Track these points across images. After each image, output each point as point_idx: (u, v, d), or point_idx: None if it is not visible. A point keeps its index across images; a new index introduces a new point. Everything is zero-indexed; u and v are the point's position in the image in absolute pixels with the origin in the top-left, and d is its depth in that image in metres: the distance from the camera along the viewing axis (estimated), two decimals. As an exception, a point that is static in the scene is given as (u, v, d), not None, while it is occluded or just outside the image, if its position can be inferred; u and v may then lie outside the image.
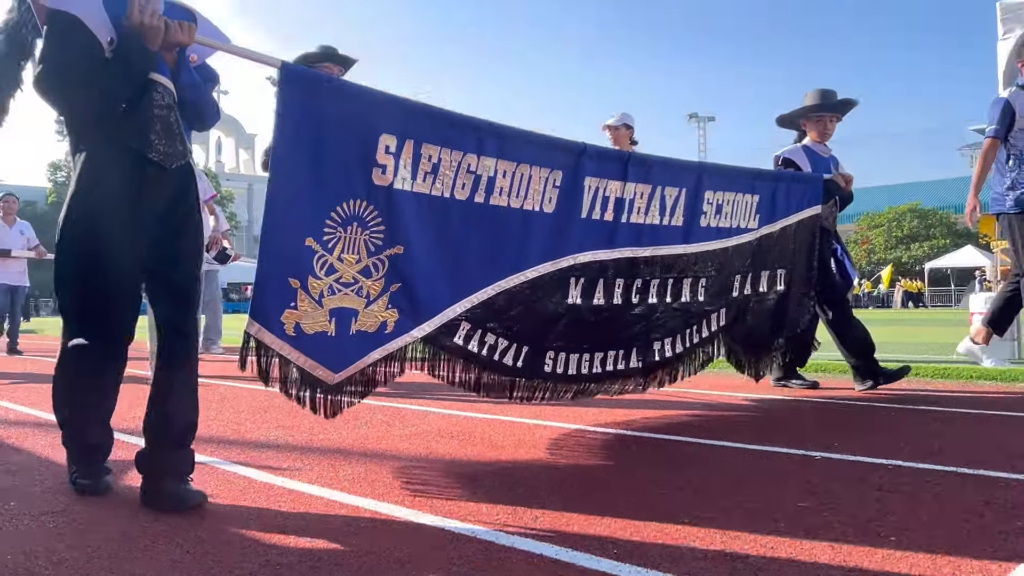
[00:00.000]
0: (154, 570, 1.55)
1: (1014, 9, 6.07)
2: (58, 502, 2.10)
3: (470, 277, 2.47)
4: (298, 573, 1.53)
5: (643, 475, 2.49)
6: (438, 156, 2.34)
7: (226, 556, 1.64)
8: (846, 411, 3.79)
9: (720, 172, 3.42)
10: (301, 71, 2.10)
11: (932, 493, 2.11)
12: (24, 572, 1.55)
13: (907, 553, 1.57)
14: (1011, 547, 1.61)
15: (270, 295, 2.02)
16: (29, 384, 5.38)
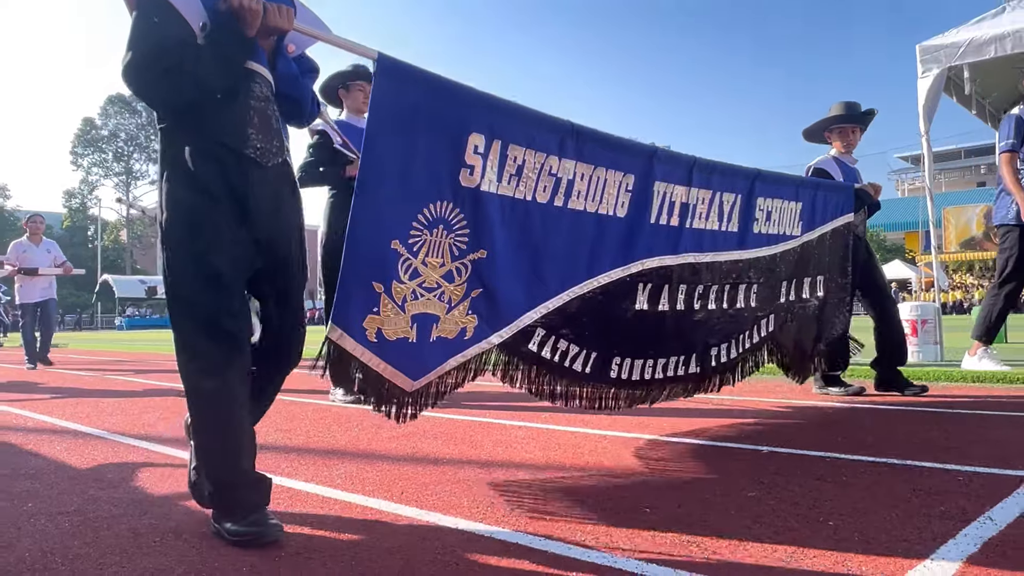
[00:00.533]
0: (163, 565, 1.55)
1: (931, 51, 6.22)
2: (72, 503, 2.08)
3: (547, 282, 2.25)
4: (295, 563, 1.53)
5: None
6: (523, 157, 2.13)
7: (228, 551, 1.63)
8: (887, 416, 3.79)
9: (770, 179, 3.21)
10: (396, 63, 1.85)
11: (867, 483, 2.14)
12: (41, 568, 1.54)
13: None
14: (934, 529, 1.64)
15: (353, 300, 1.78)
16: (50, 395, 5.30)
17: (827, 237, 3.49)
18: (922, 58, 6.26)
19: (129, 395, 5.16)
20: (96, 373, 7.35)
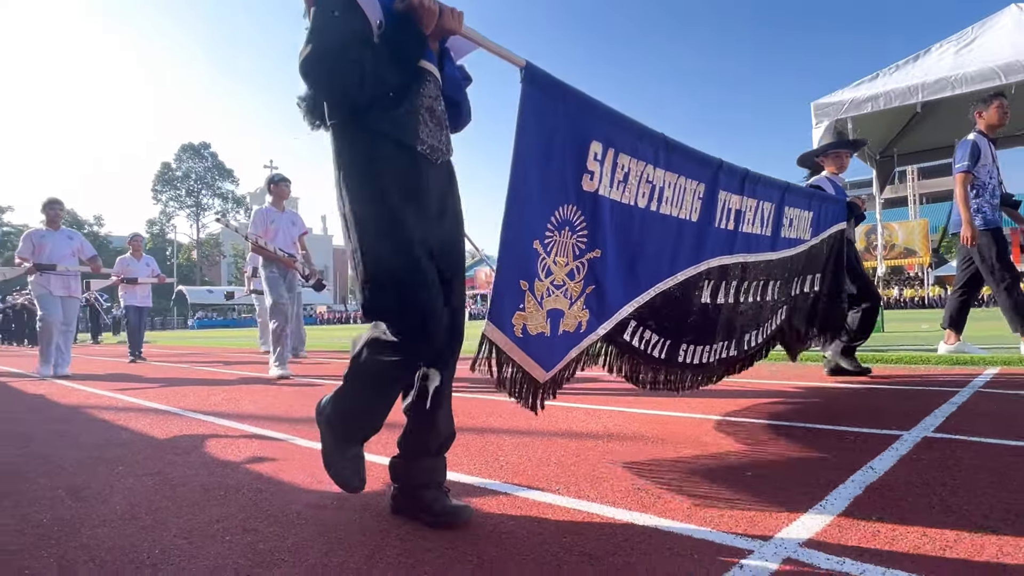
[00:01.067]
0: (227, 513, 1.54)
1: (823, 107, 6.31)
2: (154, 466, 2.05)
3: (639, 279, 2.06)
4: (331, 511, 1.53)
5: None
6: (628, 165, 1.94)
7: (279, 500, 1.63)
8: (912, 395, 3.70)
9: (794, 191, 3.04)
10: (541, 73, 1.65)
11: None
12: (130, 518, 1.53)
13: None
14: (829, 476, 1.66)
15: (506, 298, 1.57)
16: (139, 382, 5.24)
17: (826, 241, 3.39)
18: (816, 113, 6.35)
19: (199, 381, 5.11)
20: (176, 364, 7.29)
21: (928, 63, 6.09)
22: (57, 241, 5.79)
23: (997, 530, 1.25)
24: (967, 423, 2.29)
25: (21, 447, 2.45)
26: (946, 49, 6.17)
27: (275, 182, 5.63)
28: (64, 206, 6.04)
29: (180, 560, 1.25)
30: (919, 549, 1.18)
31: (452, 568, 1.17)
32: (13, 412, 3.54)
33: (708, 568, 1.13)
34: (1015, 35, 5.73)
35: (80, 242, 6.09)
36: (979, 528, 1.27)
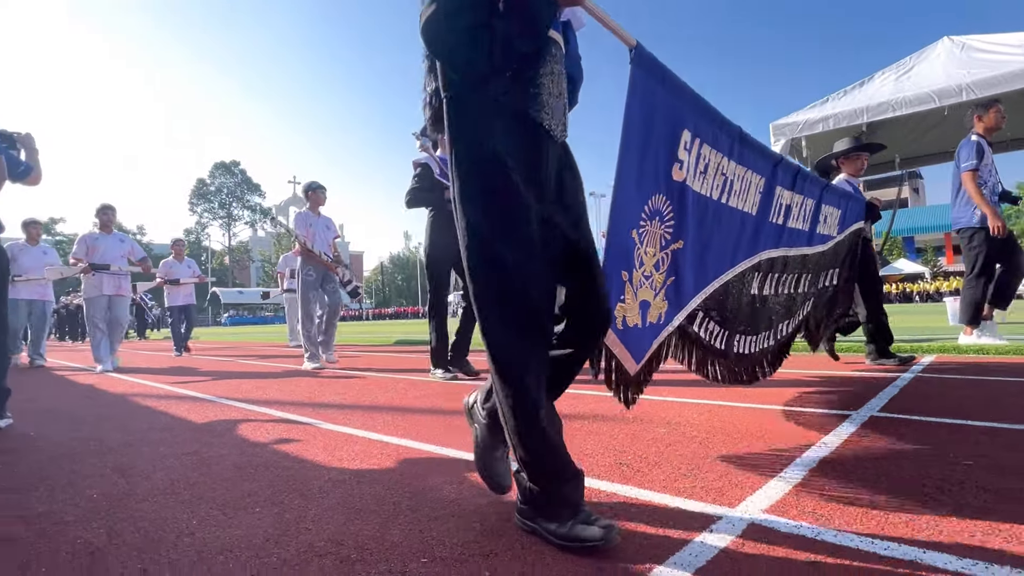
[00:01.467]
0: (256, 488, 1.53)
1: (781, 127, 6.33)
2: (192, 447, 2.04)
3: (707, 270, 1.83)
4: (349, 485, 1.52)
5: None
6: (708, 157, 1.71)
7: (303, 476, 1.62)
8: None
9: (832, 190, 2.84)
10: (649, 55, 1.42)
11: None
12: (170, 492, 1.52)
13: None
14: (791, 452, 1.67)
15: (612, 290, 1.36)
16: (181, 373, 5.21)
17: (848, 237, 3.18)
18: (774, 133, 6.37)
19: (238, 374, 5.09)
20: (216, 358, 7.25)
21: (872, 88, 6.12)
22: (109, 244, 5.58)
23: (934, 497, 1.26)
24: (908, 404, 2.30)
25: (74, 431, 2.44)
26: (888, 76, 6.20)
27: (312, 189, 5.39)
28: (116, 212, 5.82)
29: (215, 529, 1.24)
30: (867, 514, 1.18)
31: (458, 533, 1.16)
32: (67, 400, 3.52)
33: (682, 532, 1.13)
34: (947, 64, 5.77)
35: (131, 245, 5.87)
36: (918, 496, 1.27)
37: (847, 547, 1.04)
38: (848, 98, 6.15)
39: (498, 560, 1.04)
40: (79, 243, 5.58)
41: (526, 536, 1.14)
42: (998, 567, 0.94)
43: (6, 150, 2.66)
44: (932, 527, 1.10)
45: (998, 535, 1.06)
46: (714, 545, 1.07)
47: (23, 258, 6.07)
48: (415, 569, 1.02)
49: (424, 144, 3.76)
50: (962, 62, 5.65)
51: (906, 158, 8.34)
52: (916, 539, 1.06)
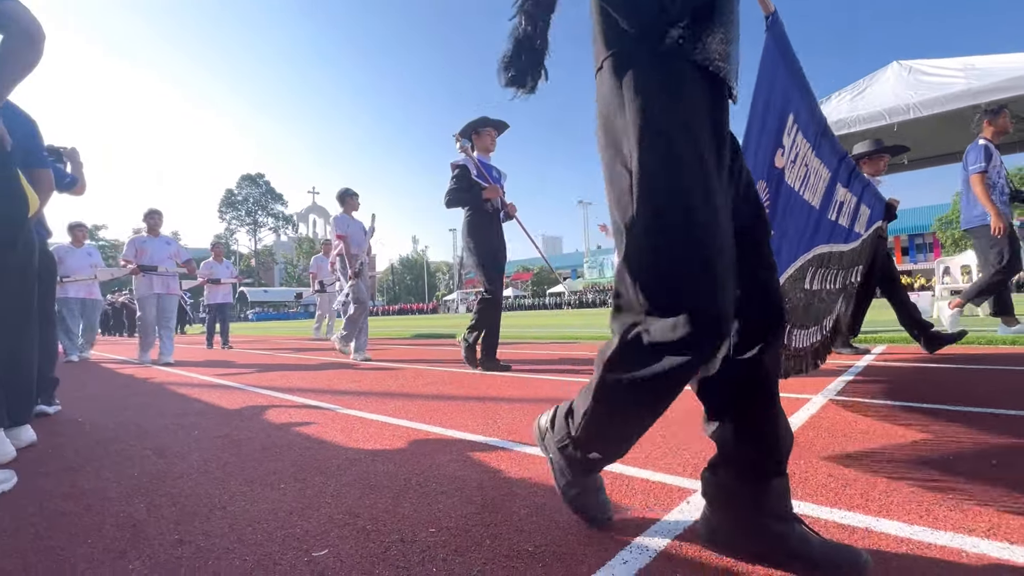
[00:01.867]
0: (280, 466, 1.53)
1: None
2: (223, 430, 2.04)
3: (782, 262, 1.54)
4: (364, 464, 1.52)
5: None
6: (800, 146, 1.47)
7: (323, 456, 1.62)
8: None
9: (869, 189, 2.60)
10: (782, 26, 1.20)
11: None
12: (203, 472, 1.51)
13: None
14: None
15: None
16: (212, 364, 5.18)
17: (870, 236, 2.92)
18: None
19: (273, 366, 5.07)
20: (255, 351, 7.22)
21: (830, 107, 6.13)
22: (157, 246, 5.36)
23: (886, 470, 1.27)
24: (862, 389, 2.31)
25: (116, 416, 2.43)
26: (843, 97, 6.21)
27: (348, 195, 5.10)
28: (163, 216, 5.58)
29: (244, 504, 1.24)
30: (825, 486, 1.19)
31: (461, 507, 1.16)
32: (109, 389, 3.50)
33: (664, 503, 1.13)
34: (896, 86, 5.78)
35: (176, 247, 5.60)
36: (871, 470, 1.28)
37: (808, 515, 1.04)
38: (808, 116, 6.16)
39: (498, 530, 1.04)
40: (128, 246, 5.39)
41: (524, 509, 1.14)
42: (941, 532, 0.95)
43: (54, 163, 2.65)
44: (884, 498, 1.11)
45: (942, 505, 1.07)
46: (692, 513, 1.07)
47: (69, 259, 5.92)
48: (424, 538, 1.02)
49: (464, 145, 3.55)
50: (909, 84, 5.66)
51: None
52: (869, 508, 1.06)
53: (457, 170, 3.59)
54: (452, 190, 3.57)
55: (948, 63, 5.67)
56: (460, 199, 3.57)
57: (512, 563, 0.91)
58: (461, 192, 3.56)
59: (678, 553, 0.92)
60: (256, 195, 58.65)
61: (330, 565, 0.93)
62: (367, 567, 0.92)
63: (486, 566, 0.90)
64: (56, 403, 2.60)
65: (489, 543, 0.98)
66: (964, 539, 0.92)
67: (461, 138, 3.56)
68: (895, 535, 0.95)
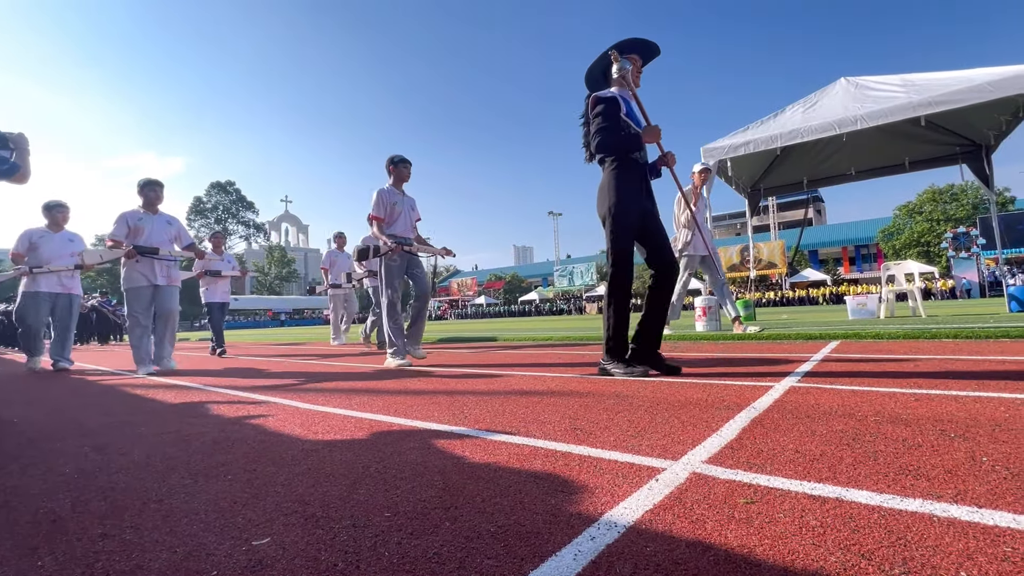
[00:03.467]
0: (229, 459, 1.40)
1: (710, 150, 6.46)
2: (173, 426, 1.87)
3: None
4: (320, 454, 1.40)
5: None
6: None
7: (278, 448, 1.49)
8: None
9: None
10: None
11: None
12: (144, 467, 1.37)
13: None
14: (723, 414, 1.63)
15: None
16: (245, 376, 4.86)
17: None
18: (704, 155, 6.50)
19: (318, 375, 4.80)
20: (256, 357, 6.85)
21: (784, 118, 6.33)
22: (156, 225, 4.25)
23: (850, 446, 1.24)
24: (820, 376, 2.32)
25: (57, 416, 2.22)
26: (797, 109, 6.42)
27: (395, 163, 3.97)
28: (164, 189, 4.38)
29: (184, 497, 1.11)
30: (793, 462, 1.15)
31: (422, 490, 1.07)
32: (56, 392, 3.23)
33: (631, 481, 1.07)
34: (844, 99, 6.01)
35: (179, 228, 4.47)
36: (836, 445, 1.25)
37: (779, 488, 0.99)
38: (765, 126, 6.34)
39: (458, 512, 0.95)
40: (119, 223, 4.13)
41: (485, 491, 1.05)
42: (911, 499, 0.91)
43: None
44: (851, 470, 1.07)
45: (907, 474, 1.03)
46: (660, 491, 1.01)
47: (45, 246, 4.77)
48: (378, 523, 0.92)
49: (623, 68, 2.49)
50: (856, 98, 5.90)
51: (812, 180, 8.67)
52: (838, 480, 1.02)
53: (601, 105, 2.53)
54: (604, 128, 2.49)
55: (889, 79, 5.93)
56: (618, 141, 2.49)
57: (472, 544, 0.82)
58: (616, 133, 2.49)
59: (648, 528, 0.85)
60: (226, 203, 56.68)
61: (270, 553, 0.82)
62: (312, 553, 0.81)
63: (443, 548, 0.81)
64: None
65: (448, 525, 0.89)
66: (934, 505, 0.89)
67: (621, 58, 2.52)
68: (865, 503, 0.90)
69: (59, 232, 4.92)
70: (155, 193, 4.31)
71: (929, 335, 3.85)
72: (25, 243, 4.77)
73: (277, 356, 5.57)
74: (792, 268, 33.48)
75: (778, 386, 2.11)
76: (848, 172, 8.24)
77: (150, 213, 4.26)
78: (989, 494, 0.92)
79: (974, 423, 1.39)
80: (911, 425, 1.40)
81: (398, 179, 3.98)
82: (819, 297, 30.62)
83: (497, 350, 4.86)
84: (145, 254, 4.12)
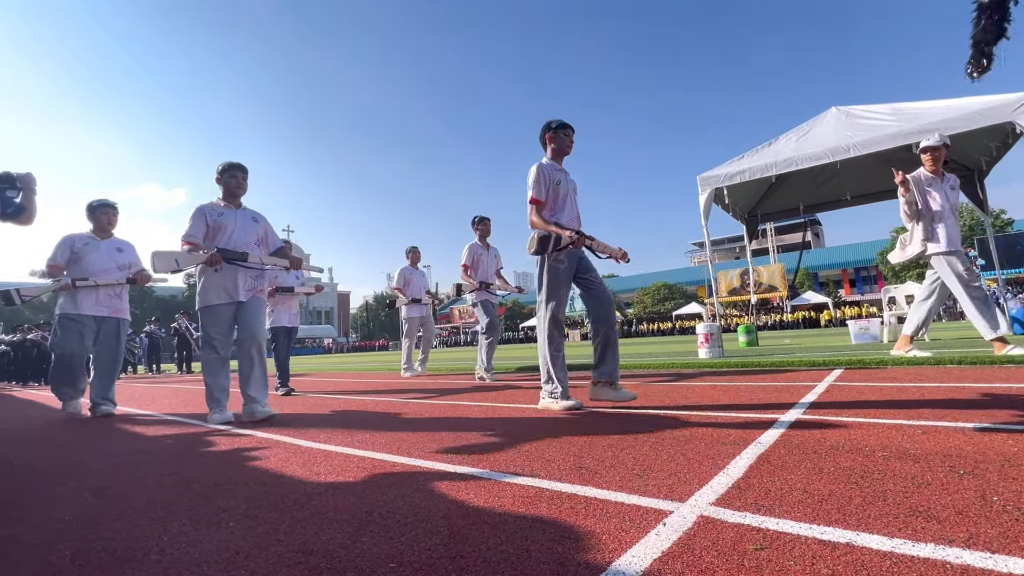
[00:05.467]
0: (233, 504, 1.38)
1: (706, 179, 6.56)
2: (174, 467, 1.85)
3: None
4: (323, 498, 1.38)
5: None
6: None
7: (280, 491, 1.47)
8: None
9: None
10: None
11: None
12: (144, 513, 1.34)
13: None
14: (729, 450, 1.61)
15: None
16: (321, 425, 4.78)
17: None
18: (701, 183, 6.59)
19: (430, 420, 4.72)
20: (331, 396, 6.73)
21: (778, 147, 6.45)
22: (241, 223, 3.16)
23: (860, 485, 1.22)
24: (825, 408, 2.30)
25: (58, 458, 2.20)
26: (790, 137, 6.55)
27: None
28: (248, 176, 3.25)
29: (184, 545, 1.09)
30: (802, 503, 1.13)
31: (426, 538, 1.05)
32: (56, 428, 3.19)
33: (638, 526, 1.05)
34: (836, 128, 6.14)
35: (265, 227, 3.31)
36: (844, 484, 1.23)
37: (789, 533, 0.98)
38: (759, 155, 6.45)
39: (464, 562, 0.94)
40: (196, 218, 3.05)
41: (491, 538, 1.04)
42: (922, 544, 0.90)
43: (4, 191, 2.47)
44: (861, 511, 1.06)
45: (917, 515, 1.02)
46: (668, 536, 0.99)
47: (90, 257, 3.71)
48: (384, 574, 0.90)
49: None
50: (847, 126, 6.02)
51: (808, 205, 8.76)
52: (848, 522, 1.01)
53: None
54: None
55: (879, 108, 6.07)
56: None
57: (479, 598, 0.81)
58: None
59: (657, 578, 0.84)
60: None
61: (274, 610, 0.81)
62: (316, 610, 0.80)
63: (450, 603, 0.80)
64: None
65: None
66: (946, 551, 0.87)
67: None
68: (877, 549, 0.89)
69: (106, 239, 3.85)
70: (236, 182, 3.20)
71: (933, 361, 3.82)
72: (66, 252, 3.69)
73: (357, 394, 4.32)
74: (793, 291, 33.46)
75: (783, 419, 2.09)
76: (844, 197, 8.34)
77: (232, 208, 3.20)
78: (1002, 537, 0.90)
79: (983, 459, 1.37)
80: (919, 461, 1.38)
81: (559, 152, 2.93)
82: (821, 320, 30.43)
83: (502, 380, 4.83)
84: (232, 260, 3.07)
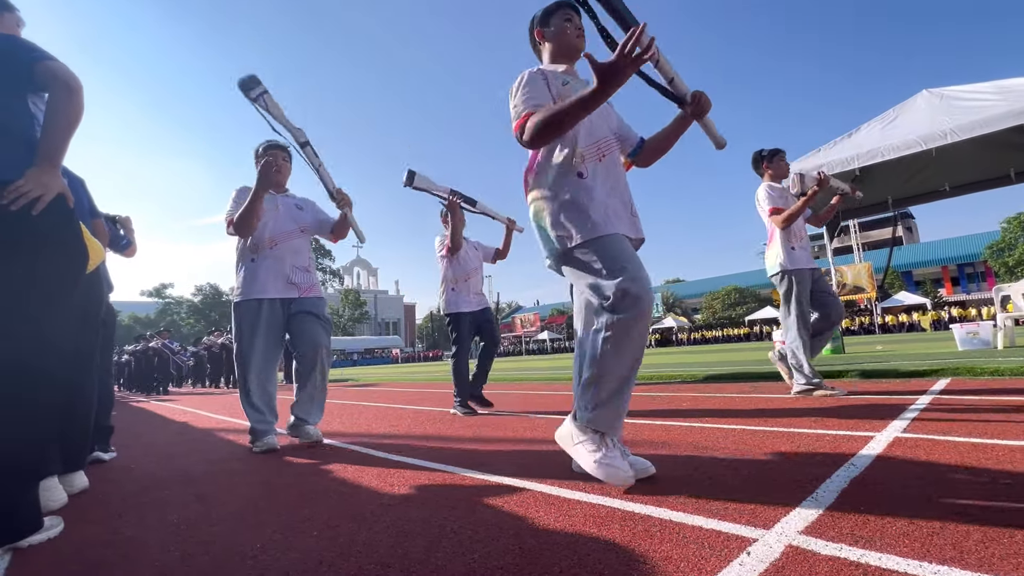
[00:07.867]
0: (315, 513, 1.46)
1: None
2: (263, 476, 1.99)
3: None
4: (397, 509, 1.43)
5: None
6: None
7: (356, 501, 1.54)
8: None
9: None
10: None
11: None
12: (239, 519, 1.46)
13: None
14: (814, 471, 1.49)
15: None
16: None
17: None
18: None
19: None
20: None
21: (860, 138, 5.97)
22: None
23: (976, 516, 1.08)
24: (930, 425, 2.07)
25: (166, 464, 2.44)
26: (873, 127, 6.04)
27: None
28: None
29: (276, 552, 1.17)
30: (907, 535, 1.02)
31: (497, 556, 1.06)
32: (165, 435, 3.54)
33: (719, 554, 1.00)
34: (929, 113, 5.59)
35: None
36: (960, 515, 1.10)
37: (895, 571, 0.88)
38: (838, 148, 6.00)
39: (537, 583, 0.93)
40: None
41: (563, 560, 1.02)
42: (1065, 593, 0.78)
43: (117, 230, 2.88)
44: (982, 549, 0.94)
45: (1056, 557, 0.89)
46: (753, 567, 0.93)
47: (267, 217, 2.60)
48: (457, 592, 0.92)
49: None
50: (943, 110, 5.46)
51: (898, 199, 8.00)
52: (967, 562, 0.90)
53: None
54: None
55: (981, 87, 5.45)
56: None
57: (553, 623, 0.80)
58: None
59: (743, 614, 0.79)
60: (306, 252, 61.36)
61: (357, 622, 0.84)
62: (395, 625, 0.82)
63: (524, 626, 0.79)
64: (112, 450, 2.65)
65: (528, 599, 0.87)
66: (1095, 601, 0.75)
67: None
68: (1005, 595, 0.78)
69: (282, 195, 2.75)
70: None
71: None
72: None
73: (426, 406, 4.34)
74: (883, 292, 30.57)
75: (880, 436, 1.90)
76: (941, 188, 7.53)
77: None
78: None
79: None
80: (1053, 491, 1.20)
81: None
82: (922, 323, 27.54)
83: (562, 390, 4.78)
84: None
